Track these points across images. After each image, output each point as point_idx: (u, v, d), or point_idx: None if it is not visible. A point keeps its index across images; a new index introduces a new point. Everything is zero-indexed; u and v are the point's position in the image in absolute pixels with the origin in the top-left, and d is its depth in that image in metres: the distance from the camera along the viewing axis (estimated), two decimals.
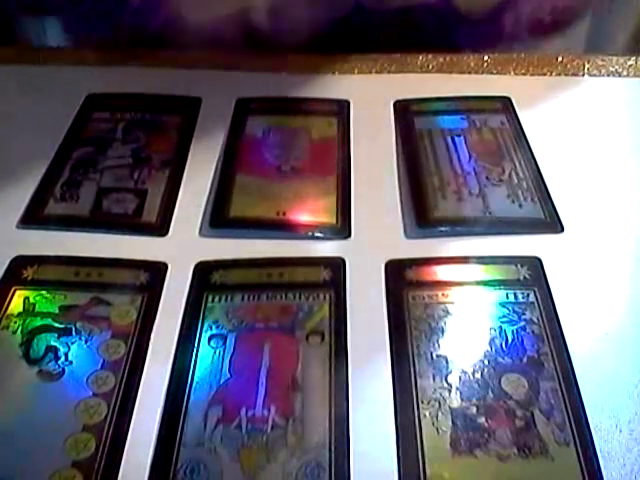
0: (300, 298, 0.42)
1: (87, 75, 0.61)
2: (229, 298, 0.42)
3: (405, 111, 0.56)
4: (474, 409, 0.36)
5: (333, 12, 0.55)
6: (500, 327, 0.40)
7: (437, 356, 0.39)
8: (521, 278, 0.43)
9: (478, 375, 0.38)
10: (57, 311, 0.41)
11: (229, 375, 0.38)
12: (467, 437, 0.35)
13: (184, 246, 0.46)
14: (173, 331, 0.40)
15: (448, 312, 0.41)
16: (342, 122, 0.55)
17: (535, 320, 0.40)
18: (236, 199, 0.48)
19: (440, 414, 0.36)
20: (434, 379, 0.37)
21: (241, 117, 0.56)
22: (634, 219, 0.47)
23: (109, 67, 0.62)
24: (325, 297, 0.42)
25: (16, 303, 0.41)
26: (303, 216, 0.47)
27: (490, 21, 0.55)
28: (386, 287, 0.42)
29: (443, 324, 0.40)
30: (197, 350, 0.39)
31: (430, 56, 0.62)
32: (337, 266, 0.44)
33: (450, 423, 0.36)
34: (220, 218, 0.47)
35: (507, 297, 0.42)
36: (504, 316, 0.40)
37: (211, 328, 0.40)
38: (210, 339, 0.40)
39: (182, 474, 0.34)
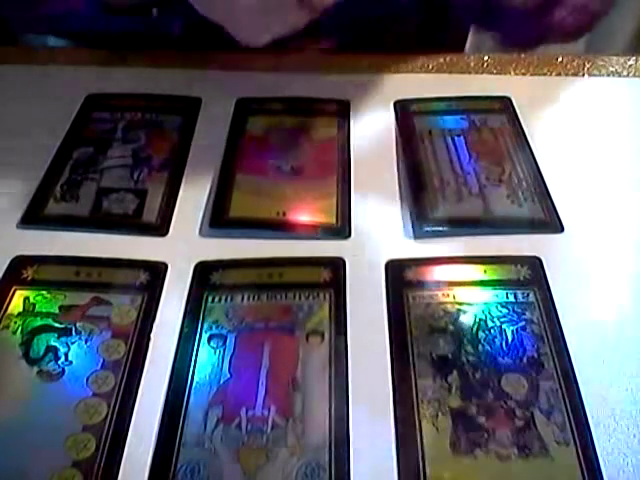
0: (300, 298, 0.42)
1: (87, 75, 0.61)
2: (229, 298, 0.42)
3: (405, 111, 0.56)
4: (474, 409, 0.36)
5: None
6: (500, 327, 0.40)
7: (437, 356, 0.39)
8: (521, 278, 0.43)
9: (478, 375, 0.38)
10: (57, 311, 0.41)
11: (229, 375, 0.38)
12: (467, 437, 0.35)
13: (184, 246, 0.46)
14: (173, 331, 0.40)
15: (448, 312, 0.41)
16: (342, 122, 0.55)
17: (535, 320, 0.40)
18: (236, 199, 0.48)
19: (440, 414, 0.36)
20: (434, 379, 0.37)
21: (241, 117, 0.56)
22: (634, 219, 0.47)
23: (109, 67, 0.62)
24: (325, 297, 0.42)
25: (16, 303, 0.41)
26: (303, 216, 0.47)
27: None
28: (386, 287, 0.42)
29: (443, 324, 0.40)
30: (197, 350, 0.39)
31: (430, 56, 0.62)
32: (337, 266, 0.44)
33: (450, 423, 0.36)
34: (220, 218, 0.47)
35: (507, 297, 0.42)
36: (504, 316, 0.40)
37: (211, 328, 0.40)
38: (210, 339, 0.40)
39: (182, 474, 0.34)
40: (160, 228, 0.47)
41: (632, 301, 0.42)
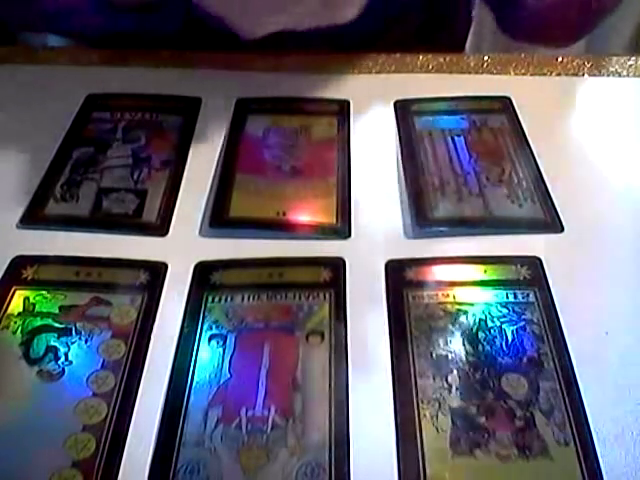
0: (300, 298, 0.42)
1: (87, 75, 0.61)
2: (229, 298, 0.42)
3: (405, 111, 0.56)
4: (474, 409, 0.36)
5: None
6: (500, 327, 0.40)
7: (437, 356, 0.39)
8: (521, 278, 0.43)
9: (478, 375, 0.38)
10: (57, 311, 0.41)
11: (229, 375, 0.38)
12: (467, 437, 0.35)
13: (184, 246, 0.46)
14: (173, 331, 0.40)
15: (448, 312, 0.41)
16: (342, 122, 0.55)
17: (535, 320, 0.40)
18: (236, 199, 0.48)
19: (440, 414, 0.36)
20: (434, 379, 0.37)
21: (241, 117, 0.56)
22: (634, 219, 0.47)
23: (109, 67, 0.62)
24: (325, 297, 0.42)
25: (16, 303, 0.41)
26: (303, 216, 0.47)
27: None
28: (386, 287, 0.42)
29: (443, 324, 0.40)
30: (197, 350, 0.39)
31: (430, 56, 0.62)
32: (337, 266, 0.44)
33: (450, 423, 0.36)
34: (220, 218, 0.47)
35: (507, 297, 0.42)
36: (504, 316, 0.40)
37: (211, 328, 0.40)
38: (210, 339, 0.40)
39: (182, 474, 0.34)
40: (160, 228, 0.47)
41: (632, 301, 0.42)
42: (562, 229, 0.46)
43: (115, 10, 0.58)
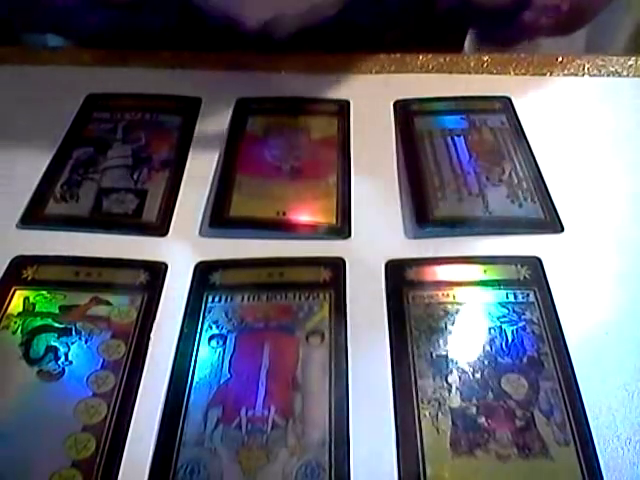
0: (300, 298, 0.42)
1: (87, 75, 0.61)
2: (229, 298, 0.42)
3: (405, 111, 0.56)
4: (474, 409, 0.36)
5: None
6: (500, 327, 0.40)
7: (437, 356, 0.39)
8: (521, 278, 0.43)
9: (478, 375, 0.38)
10: (57, 311, 0.41)
11: (229, 375, 0.38)
12: (467, 437, 0.35)
13: (184, 246, 0.46)
14: (173, 331, 0.40)
15: (448, 312, 0.41)
16: (342, 122, 0.55)
17: (535, 320, 0.40)
18: (236, 199, 0.48)
19: (440, 414, 0.36)
20: (434, 379, 0.37)
21: (241, 117, 0.56)
22: (634, 219, 0.47)
23: (109, 67, 0.62)
24: (325, 297, 0.42)
25: (16, 303, 0.41)
26: (303, 216, 0.47)
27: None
28: (386, 287, 0.42)
29: (443, 324, 0.40)
30: (197, 350, 0.39)
31: (430, 56, 0.62)
32: (337, 266, 0.44)
33: (450, 423, 0.36)
34: (220, 218, 0.47)
35: (507, 297, 0.42)
36: (504, 316, 0.40)
37: (211, 328, 0.40)
38: (210, 339, 0.40)
39: (182, 474, 0.34)
40: (160, 228, 0.47)
41: (632, 301, 0.42)
42: (562, 229, 0.46)
43: (107, 6, 0.57)
